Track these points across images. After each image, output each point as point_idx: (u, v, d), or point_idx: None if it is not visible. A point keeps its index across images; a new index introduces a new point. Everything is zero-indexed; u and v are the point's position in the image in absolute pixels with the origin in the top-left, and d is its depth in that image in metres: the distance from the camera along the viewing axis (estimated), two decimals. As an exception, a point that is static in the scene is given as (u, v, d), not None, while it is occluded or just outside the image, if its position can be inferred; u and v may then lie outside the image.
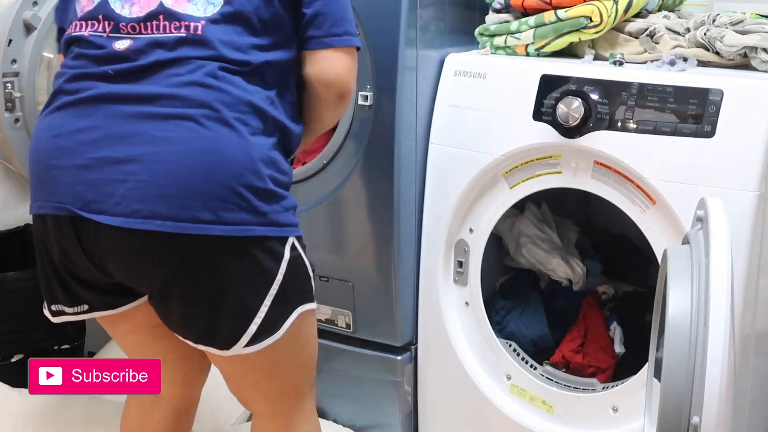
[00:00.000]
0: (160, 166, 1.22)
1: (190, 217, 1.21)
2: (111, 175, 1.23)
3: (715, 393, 1.02)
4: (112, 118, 1.25)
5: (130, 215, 1.21)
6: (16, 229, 2.16)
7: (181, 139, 1.23)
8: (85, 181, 1.24)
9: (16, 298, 1.92)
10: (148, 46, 1.26)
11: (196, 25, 1.26)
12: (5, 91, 1.71)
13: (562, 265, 1.90)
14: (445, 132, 1.78)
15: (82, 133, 1.26)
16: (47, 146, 1.29)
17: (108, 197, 1.23)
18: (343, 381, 1.98)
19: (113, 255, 1.27)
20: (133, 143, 1.23)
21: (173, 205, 1.22)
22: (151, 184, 1.22)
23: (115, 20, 1.29)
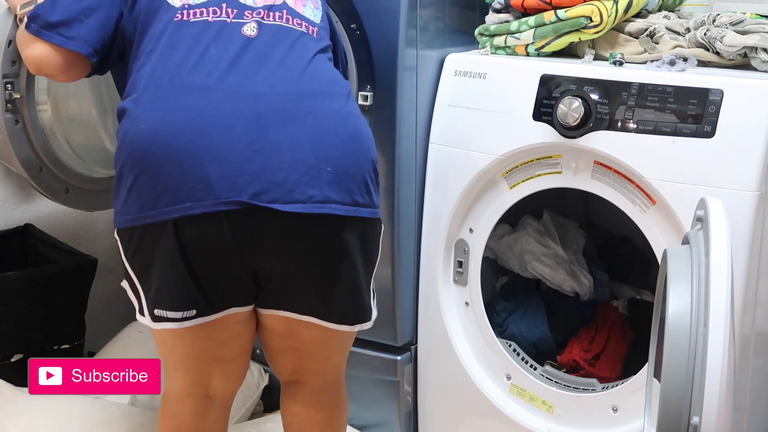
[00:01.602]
0: (323, 151, 1.32)
1: (354, 201, 1.33)
2: (278, 163, 1.29)
3: (715, 393, 1.02)
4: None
5: (306, 201, 1.29)
6: (16, 229, 2.16)
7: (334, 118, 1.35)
8: (249, 173, 1.28)
9: (16, 298, 1.92)
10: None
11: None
12: (5, 92, 1.70)
13: (568, 279, 1.91)
14: (445, 132, 1.78)
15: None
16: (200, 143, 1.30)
17: (278, 186, 1.28)
18: (343, 381, 1.98)
19: (278, 242, 1.32)
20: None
21: (341, 190, 1.32)
22: (321, 169, 1.31)
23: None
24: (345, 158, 1.33)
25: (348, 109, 1.37)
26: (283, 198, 1.28)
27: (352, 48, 1.74)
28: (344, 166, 1.32)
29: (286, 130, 1.30)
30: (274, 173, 1.28)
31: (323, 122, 1.33)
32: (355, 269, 1.38)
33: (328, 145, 1.32)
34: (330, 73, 1.41)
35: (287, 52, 1.37)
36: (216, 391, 1.50)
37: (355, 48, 1.73)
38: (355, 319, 1.43)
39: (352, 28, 1.73)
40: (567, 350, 1.86)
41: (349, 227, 1.35)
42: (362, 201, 1.34)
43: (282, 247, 1.33)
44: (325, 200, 1.30)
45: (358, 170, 1.34)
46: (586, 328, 1.91)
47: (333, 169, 1.31)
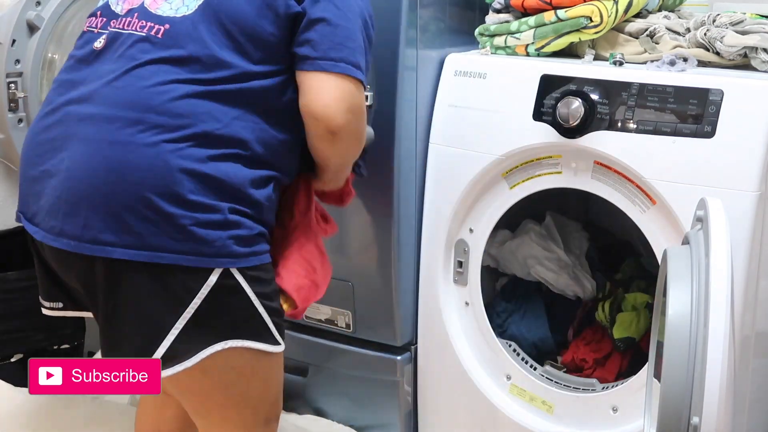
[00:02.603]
0: (70, 182, 1.22)
1: (91, 238, 1.19)
2: (44, 188, 1.25)
3: (715, 393, 1.02)
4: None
5: (48, 231, 1.24)
6: (16, 229, 2.16)
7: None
8: (33, 193, 1.28)
9: (16, 298, 1.92)
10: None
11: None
12: (8, 92, 1.71)
13: (571, 284, 1.90)
14: (445, 132, 1.78)
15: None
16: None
17: (40, 210, 1.26)
18: (343, 381, 1.98)
19: (58, 269, 1.29)
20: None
21: (76, 224, 1.20)
22: (61, 200, 1.22)
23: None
24: (91, 191, 1.19)
25: (121, 137, 1.19)
26: (40, 223, 1.25)
27: (352, 48, 1.74)
28: (89, 199, 1.18)
29: (61, 153, 1.23)
30: (41, 197, 1.25)
31: (83, 150, 1.21)
32: (105, 312, 1.24)
33: (76, 177, 1.20)
34: (135, 93, 1.21)
35: (107, 66, 1.26)
36: (168, 390, 1.49)
37: (355, 48, 1.73)
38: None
39: (352, 28, 1.73)
40: (572, 349, 1.86)
41: (95, 267, 1.21)
42: (108, 239, 1.18)
43: (64, 276, 1.29)
44: (59, 233, 1.21)
45: (111, 204, 1.18)
46: (591, 328, 1.91)
47: (74, 200, 1.20)
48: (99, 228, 1.18)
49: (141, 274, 1.19)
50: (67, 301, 1.35)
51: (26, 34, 1.74)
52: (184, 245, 1.18)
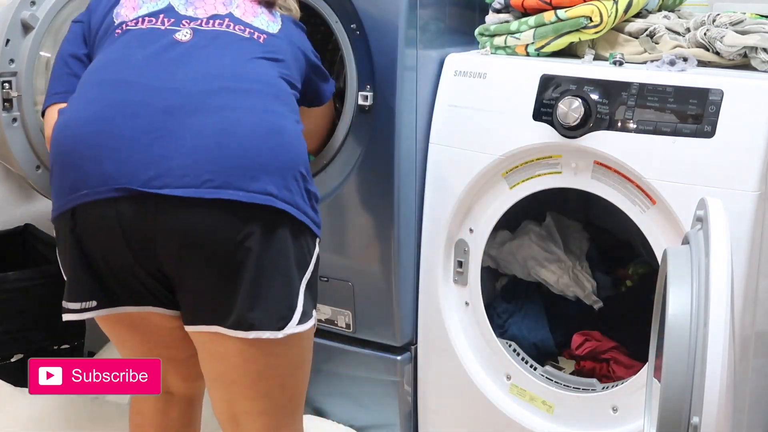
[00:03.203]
0: (226, 139, 1.26)
1: (260, 188, 1.25)
2: (177, 149, 1.25)
3: (715, 393, 1.02)
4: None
5: (200, 186, 1.23)
6: (16, 229, 2.17)
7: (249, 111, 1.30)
8: (145, 160, 1.25)
9: (16, 298, 1.92)
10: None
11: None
12: (2, 91, 1.71)
13: (571, 285, 1.90)
14: (445, 132, 1.78)
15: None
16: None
17: (171, 171, 1.23)
18: (343, 381, 1.98)
19: (169, 235, 1.25)
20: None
21: (244, 176, 1.24)
22: (215, 156, 1.25)
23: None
24: (256, 149, 1.27)
25: (271, 107, 1.32)
26: (175, 182, 1.22)
27: (352, 48, 1.74)
28: (255, 157, 1.26)
29: (192, 119, 1.26)
30: (171, 159, 1.23)
31: (237, 114, 1.28)
32: (260, 266, 1.27)
33: (237, 135, 1.26)
34: (263, 75, 1.36)
35: (219, 53, 1.35)
36: (176, 389, 1.53)
37: (355, 48, 1.74)
38: (260, 322, 1.28)
39: (352, 28, 1.73)
40: (581, 346, 1.85)
41: (254, 218, 1.26)
42: (276, 192, 1.26)
43: (174, 239, 1.26)
44: (223, 185, 1.23)
45: (274, 164, 1.28)
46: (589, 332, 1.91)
47: (240, 158, 1.25)
48: (265, 180, 1.25)
49: (290, 229, 1.29)
50: (103, 298, 1.33)
51: (20, 33, 1.74)
52: (310, 213, 1.33)
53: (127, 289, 1.33)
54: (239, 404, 1.39)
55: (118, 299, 1.34)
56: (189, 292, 1.31)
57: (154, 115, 1.26)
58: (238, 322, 1.28)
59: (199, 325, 1.32)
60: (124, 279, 1.31)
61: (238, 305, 1.27)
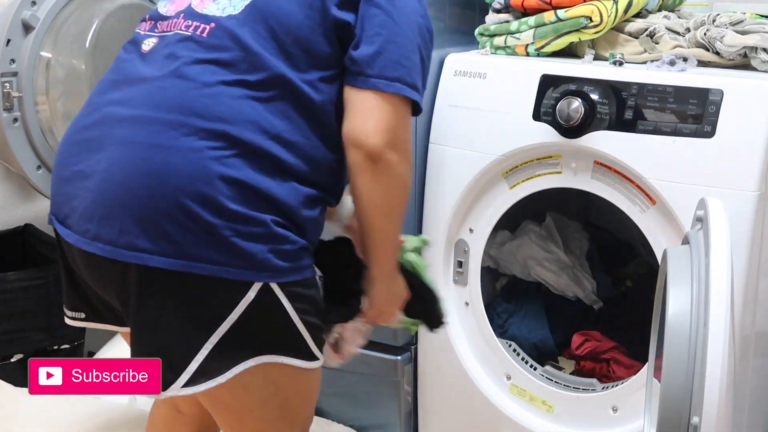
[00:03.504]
0: (106, 185, 1.15)
1: (127, 243, 1.12)
2: (79, 189, 1.19)
3: (715, 393, 1.02)
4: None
5: (82, 234, 1.17)
6: (16, 229, 2.16)
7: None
8: (65, 194, 1.22)
9: (16, 298, 1.92)
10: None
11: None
12: (3, 91, 1.71)
13: (571, 285, 1.90)
14: (445, 132, 1.78)
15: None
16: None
17: (74, 212, 1.19)
18: (343, 381, 1.98)
19: (89, 277, 1.24)
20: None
21: (113, 229, 1.13)
22: (96, 202, 1.16)
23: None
24: (129, 196, 1.13)
25: (163, 141, 1.13)
26: (73, 226, 1.19)
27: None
28: (127, 204, 1.12)
29: (97, 155, 1.17)
30: (75, 198, 1.19)
31: (124, 153, 1.15)
32: (136, 324, 1.18)
33: (115, 180, 1.14)
34: (179, 91, 1.16)
35: (152, 66, 1.21)
36: (183, 408, 1.50)
37: (355, 48, 1.73)
38: (164, 381, 1.18)
39: (352, 28, 1.73)
40: (581, 346, 1.85)
41: (129, 275, 1.14)
42: (144, 246, 1.11)
43: (93, 284, 1.24)
44: (94, 237, 1.15)
45: (148, 210, 1.12)
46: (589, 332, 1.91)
47: (110, 204, 1.14)
48: (135, 233, 1.11)
49: (176, 284, 1.13)
50: (89, 312, 1.32)
51: (21, 33, 1.74)
52: (223, 256, 1.12)
53: (109, 309, 1.30)
54: None
55: (102, 317, 1.33)
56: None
57: (81, 144, 1.21)
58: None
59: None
60: (102, 298, 1.28)
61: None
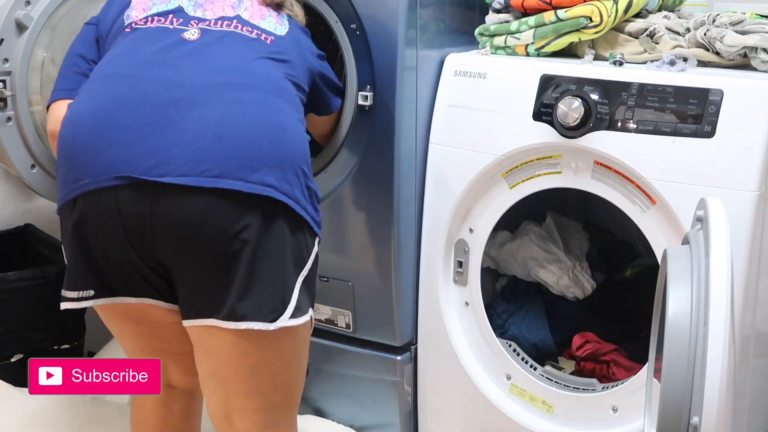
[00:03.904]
0: (227, 130, 1.27)
1: (259, 179, 1.25)
2: (178, 140, 1.26)
3: (715, 393, 1.02)
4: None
5: (199, 175, 1.23)
6: (16, 229, 2.16)
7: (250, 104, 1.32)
8: (146, 150, 1.26)
9: (16, 298, 1.92)
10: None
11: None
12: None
13: (571, 286, 1.91)
14: (445, 132, 1.78)
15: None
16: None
17: (172, 160, 1.24)
18: (343, 381, 1.98)
19: (168, 225, 1.26)
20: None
21: (244, 167, 1.25)
22: (216, 146, 1.25)
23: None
24: (256, 142, 1.28)
25: (273, 103, 1.34)
26: (174, 171, 1.23)
27: (351, 48, 1.74)
28: (255, 149, 1.27)
29: (194, 111, 1.28)
30: (171, 148, 1.25)
31: (238, 107, 1.30)
32: (255, 258, 1.27)
33: (238, 127, 1.27)
34: (268, 73, 1.37)
35: (225, 51, 1.38)
36: (176, 383, 1.54)
37: (355, 48, 1.73)
38: (252, 314, 1.28)
39: (352, 28, 1.73)
40: (582, 348, 1.85)
41: (252, 209, 1.26)
42: (275, 183, 1.27)
43: (172, 228, 1.26)
44: (222, 174, 1.24)
45: (274, 157, 1.28)
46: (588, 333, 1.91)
47: (240, 148, 1.26)
48: (264, 171, 1.26)
49: (289, 220, 1.30)
50: (100, 288, 1.34)
51: (15, 32, 1.74)
52: (311, 211, 1.34)
53: (124, 280, 1.33)
54: (232, 401, 1.38)
55: (115, 289, 1.35)
56: (186, 284, 1.31)
57: (156, 106, 1.28)
58: (230, 313, 1.28)
59: (195, 318, 1.32)
60: (122, 270, 1.32)
61: (231, 297, 1.28)
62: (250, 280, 1.27)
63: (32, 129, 1.78)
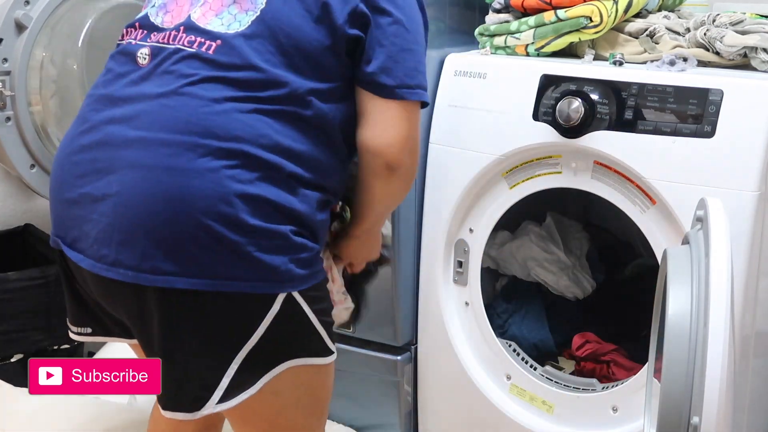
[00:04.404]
0: (124, 209, 1.15)
1: (151, 267, 1.13)
2: (90, 213, 1.19)
3: (715, 393, 1.02)
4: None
5: (98, 260, 1.17)
6: (16, 229, 2.16)
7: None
8: (73, 217, 1.22)
9: (16, 298, 1.92)
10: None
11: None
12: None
13: (571, 286, 1.90)
14: (445, 132, 1.78)
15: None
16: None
17: (86, 236, 1.19)
18: (343, 381, 1.97)
19: (101, 299, 1.25)
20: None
21: (134, 253, 1.13)
22: (114, 227, 1.15)
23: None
24: (151, 220, 1.13)
25: (179, 164, 1.14)
26: (86, 250, 1.18)
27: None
28: (148, 228, 1.13)
29: (107, 177, 1.17)
30: (86, 223, 1.18)
31: (138, 177, 1.15)
32: (163, 348, 1.18)
33: (132, 204, 1.14)
34: (190, 115, 1.16)
35: (154, 85, 1.20)
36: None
37: (355, 48, 1.73)
38: (174, 404, 1.21)
39: (352, 28, 1.73)
40: (582, 348, 1.85)
41: (151, 299, 1.15)
42: (170, 269, 1.12)
43: (107, 306, 1.24)
44: (114, 263, 1.14)
45: (174, 232, 1.13)
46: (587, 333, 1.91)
47: (130, 229, 1.14)
48: (159, 257, 1.12)
49: (202, 305, 1.15)
50: (96, 327, 1.34)
51: (14, 32, 1.74)
52: (249, 272, 1.14)
53: (116, 323, 1.31)
54: None
55: (110, 331, 1.34)
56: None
57: (86, 166, 1.20)
58: (163, 403, 1.24)
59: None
60: (111, 315, 1.29)
61: (163, 383, 1.22)
62: (165, 371, 1.20)
63: (32, 129, 1.78)
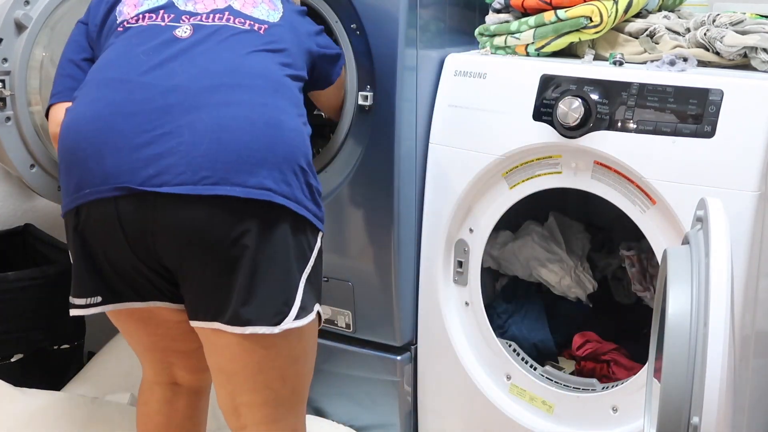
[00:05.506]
0: (225, 134, 1.27)
1: (257, 183, 1.26)
2: (175, 147, 1.25)
3: (715, 393, 1.02)
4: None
5: (197, 183, 1.24)
6: (16, 229, 2.16)
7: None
8: (144, 158, 1.26)
9: (16, 298, 1.92)
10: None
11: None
12: (-4, 90, 1.71)
13: (573, 286, 1.90)
14: (445, 132, 1.78)
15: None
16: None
17: (170, 168, 1.24)
18: (343, 381, 1.98)
19: (168, 231, 1.27)
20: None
21: (241, 171, 1.25)
22: (214, 151, 1.25)
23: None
24: (253, 144, 1.27)
25: (270, 101, 1.32)
26: (173, 180, 1.24)
27: (351, 48, 1.74)
28: (252, 152, 1.27)
29: (189, 116, 1.27)
30: (169, 157, 1.25)
31: (234, 110, 1.29)
32: (256, 262, 1.28)
33: (234, 131, 1.27)
34: (263, 69, 1.36)
35: (218, 48, 1.36)
36: (182, 380, 1.56)
37: (355, 48, 1.74)
38: (256, 318, 1.29)
39: (352, 28, 1.73)
40: (582, 347, 1.85)
41: (251, 214, 1.27)
42: (273, 187, 1.27)
43: (173, 237, 1.27)
44: (219, 181, 1.24)
45: (272, 158, 1.28)
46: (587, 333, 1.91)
47: (236, 153, 1.26)
48: (262, 175, 1.26)
49: (291, 224, 1.30)
50: (108, 294, 1.36)
51: (14, 32, 1.74)
52: (313, 207, 1.34)
53: (130, 285, 1.35)
54: (240, 396, 1.40)
55: (122, 295, 1.37)
56: (190, 288, 1.33)
57: (152, 113, 1.28)
58: (234, 317, 1.29)
59: (200, 321, 1.34)
60: (127, 275, 1.34)
61: (235, 301, 1.28)
62: (252, 285, 1.28)
63: (31, 129, 1.78)
